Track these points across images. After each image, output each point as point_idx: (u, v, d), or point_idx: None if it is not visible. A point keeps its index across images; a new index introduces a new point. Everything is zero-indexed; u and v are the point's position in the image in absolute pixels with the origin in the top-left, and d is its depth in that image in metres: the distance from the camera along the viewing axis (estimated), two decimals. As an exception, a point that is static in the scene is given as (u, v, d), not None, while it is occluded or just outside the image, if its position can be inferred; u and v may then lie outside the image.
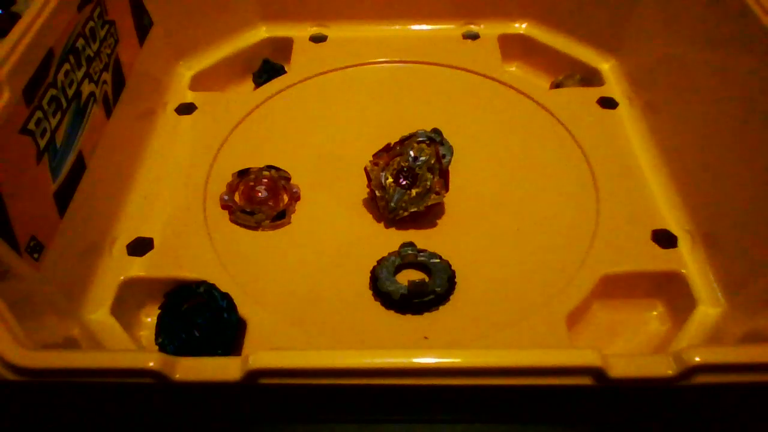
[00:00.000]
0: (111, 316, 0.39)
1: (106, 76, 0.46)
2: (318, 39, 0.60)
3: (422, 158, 0.44)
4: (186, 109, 0.53)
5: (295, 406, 0.29)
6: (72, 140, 0.41)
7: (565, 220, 0.44)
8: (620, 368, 0.26)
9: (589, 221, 0.44)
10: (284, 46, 0.60)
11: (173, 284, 0.40)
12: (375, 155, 0.45)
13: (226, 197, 0.45)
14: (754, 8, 0.41)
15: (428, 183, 0.43)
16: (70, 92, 0.41)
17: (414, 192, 0.43)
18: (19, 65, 0.36)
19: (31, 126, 0.37)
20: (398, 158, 0.44)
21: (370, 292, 0.41)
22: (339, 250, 0.43)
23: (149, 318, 0.41)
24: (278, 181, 0.47)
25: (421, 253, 0.42)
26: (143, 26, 0.53)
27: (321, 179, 0.48)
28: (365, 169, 0.45)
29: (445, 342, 0.38)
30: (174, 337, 0.38)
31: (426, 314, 0.40)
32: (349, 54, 0.58)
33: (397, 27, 0.61)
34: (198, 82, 0.57)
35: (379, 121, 0.52)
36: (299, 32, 0.61)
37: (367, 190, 0.45)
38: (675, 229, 0.43)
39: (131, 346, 0.38)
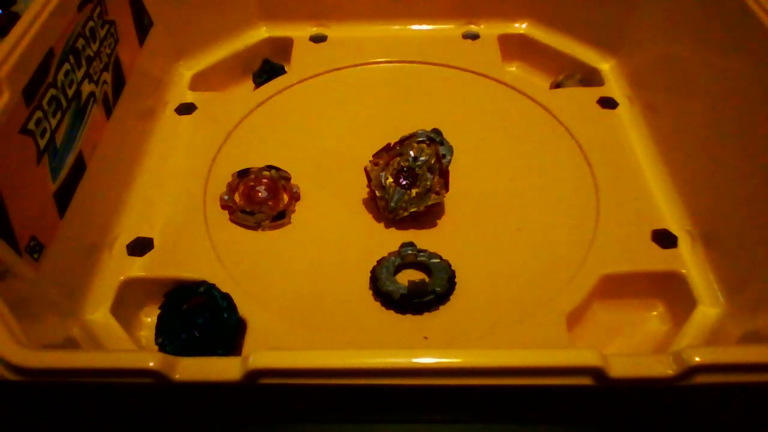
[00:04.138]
0: (111, 316, 0.39)
1: (106, 76, 0.46)
2: (318, 39, 0.60)
3: (422, 158, 0.44)
4: (186, 109, 0.53)
5: (295, 406, 0.29)
6: (72, 140, 0.41)
7: (565, 220, 0.44)
8: (620, 368, 0.26)
9: (589, 221, 0.44)
10: (284, 46, 0.60)
11: (173, 284, 0.40)
12: (375, 155, 0.45)
13: (226, 197, 0.45)
14: (754, 8, 0.41)
15: (428, 183, 0.43)
16: (70, 92, 0.41)
17: (414, 192, 0.43)
18: (19, 65, 0.36)
19: (31, 126, 0.37)
20: (398, 158, 0.44)
21: (370, 292, 0.41)
22: (339, 250, 0.43)
23: (149, 318, 0.41)
24: (278, 181, 0.47)
25: (421, 253, 0.42)
26: (143, 26, 0.53)
27: (321, 179, 0.48)
28: (365, 169, 0.45)
29: (445, 342, 0.38)
30: (174, 337, 0.38)
31: (426, 314, 0.39)
32: (349, 54, 0.58)
33: (397, 27, 0.61)
34: (198, 82, 0.57)
35: (379, 121, 0.52)
36: (299, 32, 0.61)
37: (367, 190, 0.45)
38: (675, 229, 0.43)
39: (131, 346, 0.38)
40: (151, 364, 0.26)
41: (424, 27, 0.62)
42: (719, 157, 0.43)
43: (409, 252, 0.42)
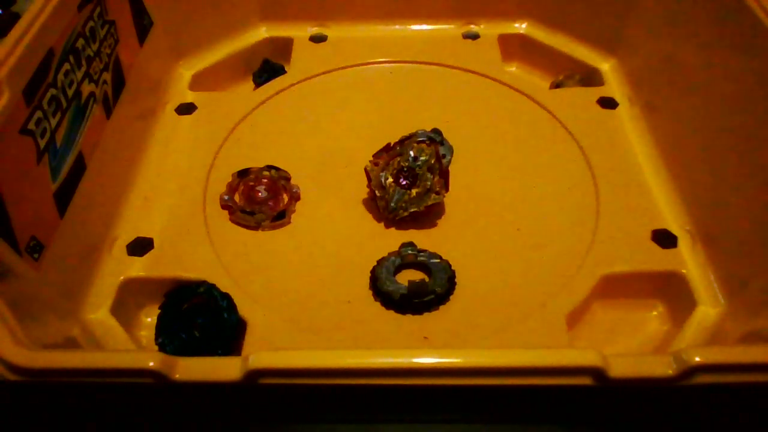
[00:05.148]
0: (111, 316, 0.39)
1: (106, 76, 0.46)
2: (318, 39, 0.60)
3: (422, 158, 0.44)
4: (186, 109, 0.53)
5: (295, 406, 0.29)
6: (72, 140, 0.41)
7: (565, 220, 0.44)
8: (620, 368, 0.26)
9: (589, 221, 0.44)
10: (284, 46, 0.60)
11: (173, 284, 0.40)
12: (375, 155, 0.45)
13: (226, 197, 0.45)
14: (754, 8, 0.41)
15: (428, 183, 0.43)
16: (70, 92, 0.41)
17: (414, 192, 0.43)
18: (19, 65, 0.36)
19: (31, 126, 0.37)
20: (398, 158, 0.44)
21: (370, 292, 0.41)
22: (339, 250, 0.43)
23: (149, 318, 0.41)
24: (278, 181, 0.47)
25: (421, 253, 0.42)
26: (143, 26, 0.53)
27: (321, 179, 0.48)
28: (365, 169, 0.45)
29: (445, 342, 0.38)
30: (174, 337, 0.38)
31: (426, 314, 0.39)
32: (349, 54, 0.58)
33: (397, 27, 0.61)
34: (198, 82, 0.57)
35: (379, 121, 0.52)
36: (299, 32, 0.61)
37: (367, 190, 0.45)
38: (675, 229, 0.43)
39: (131, 346, 0.38)
40: (151, 364, 0.26)
41: (424, 27, 0.62)
42: (719, 157, 0.43)
43: (409, 252, 0.42)
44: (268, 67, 0.58)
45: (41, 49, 0.38)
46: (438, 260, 0.41)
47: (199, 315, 0.38)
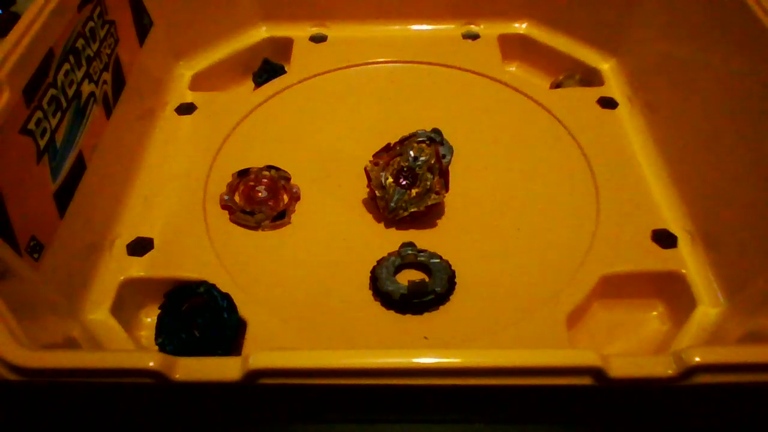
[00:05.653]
0: (111, 316, 0.39)
1: (106, 76, 0.46)
2: (318, 39, 0.60)
3: (422, 158, 0.44)
4: (186, 109, 0.53)
5: (295, 406, 0.29)
6: (72, 140, 0.41)
7: (565, 220, 0.44)
8: (620, 368, 0.26)
9: (589, 221, 0.44)
10: (284, 46, 0.60)
11: (173, 284, 0.40)
12: (375, 155, 0.45)
13: (226, 197, 0.45)
14: (754, 8, 0.41)
15: (428, 183, 0.43)
16: (70, 92, 0.41)
17: (414, 192, 0.43)
18: (19, 65, 0.36)
19: (31, 126, 0.37)
20: (398, 158, 0.44)
21: (370, 292, 0.41)
22: (339, 250, 0.43)
23: (149, 318, 0.41)
24: (278, 181, 0.47)
25: (421, 253, 0.42)
26: (143, 26, 0.53)
27: (321, 179, 0.48)
28: (365, 169, 0.45)
29: (445, 342, 0.38)
30: (174, 337, 0.38)
31: (426, 314, 0.39)
32: (349, 54, 0.58)
33: (397, 27, 0.61)
34: (198, 82, 0.57)
35: (379, 121, 0.52)
36: (299, 32, 0.61)
37: (367, 190, 0.45)
38: (675, 229, 0.43)
39: (131, 346, 0.38)
40: (151, 364, 0.26)
41: (424, 27, 0.62)
42: (719, 157, 0.43)
43: (409, 252, 0.42)
44: (268, 67, 0.58)
45: (41, 49, 0.38)
46: (438, 260, 0.41)
47: (199, 315, 0.38)
